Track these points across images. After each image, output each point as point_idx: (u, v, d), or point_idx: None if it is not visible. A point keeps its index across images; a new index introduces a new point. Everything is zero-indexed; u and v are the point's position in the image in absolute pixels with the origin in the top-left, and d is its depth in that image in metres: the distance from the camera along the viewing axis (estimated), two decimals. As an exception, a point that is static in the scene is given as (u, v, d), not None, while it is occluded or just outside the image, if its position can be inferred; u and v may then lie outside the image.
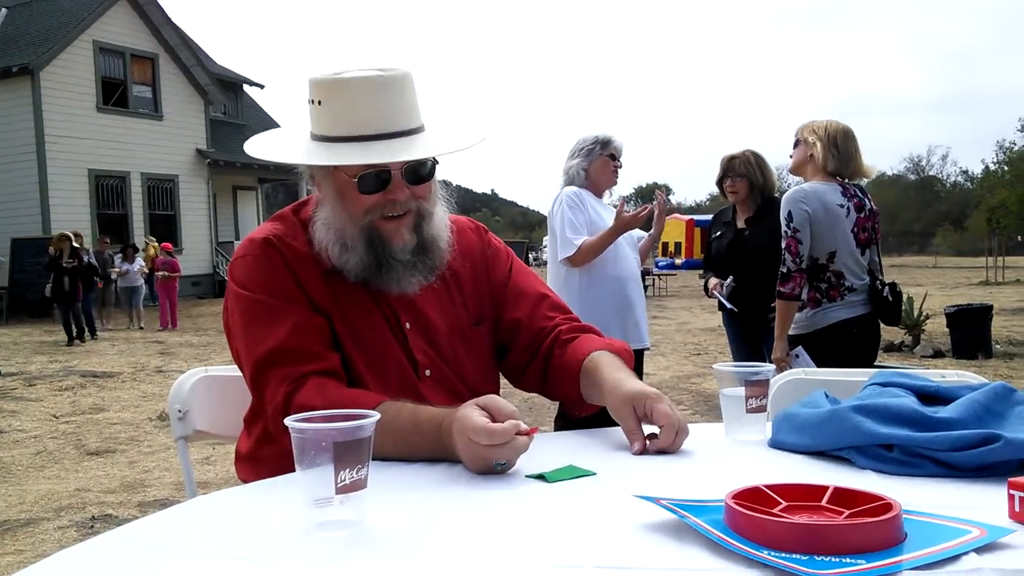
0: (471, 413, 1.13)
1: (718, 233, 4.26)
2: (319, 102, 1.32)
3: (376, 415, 0.95)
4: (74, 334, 11.93)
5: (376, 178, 1.32)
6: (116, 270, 14.93)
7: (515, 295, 1.54)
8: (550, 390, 1.53)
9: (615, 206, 3.61)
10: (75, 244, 12.41)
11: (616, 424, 1.32)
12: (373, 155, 1.29)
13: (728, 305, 4.08)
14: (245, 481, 1.41)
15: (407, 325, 1.42)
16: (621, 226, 3.55)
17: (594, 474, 1.13)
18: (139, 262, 15.13)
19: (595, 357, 1.41)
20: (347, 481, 0.90)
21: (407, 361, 1.40)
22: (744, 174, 4.02)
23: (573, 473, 1.13)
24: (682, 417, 1.26)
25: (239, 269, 1.38)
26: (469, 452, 1.12)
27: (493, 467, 1.12)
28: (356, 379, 1.36)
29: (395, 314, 1.41)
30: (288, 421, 0.93)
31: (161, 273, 14.56)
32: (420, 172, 1.35)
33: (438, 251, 1.41)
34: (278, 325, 1.31)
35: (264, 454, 1.41)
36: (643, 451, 1.23)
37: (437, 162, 1.38)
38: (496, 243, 1.60)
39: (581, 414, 1.48)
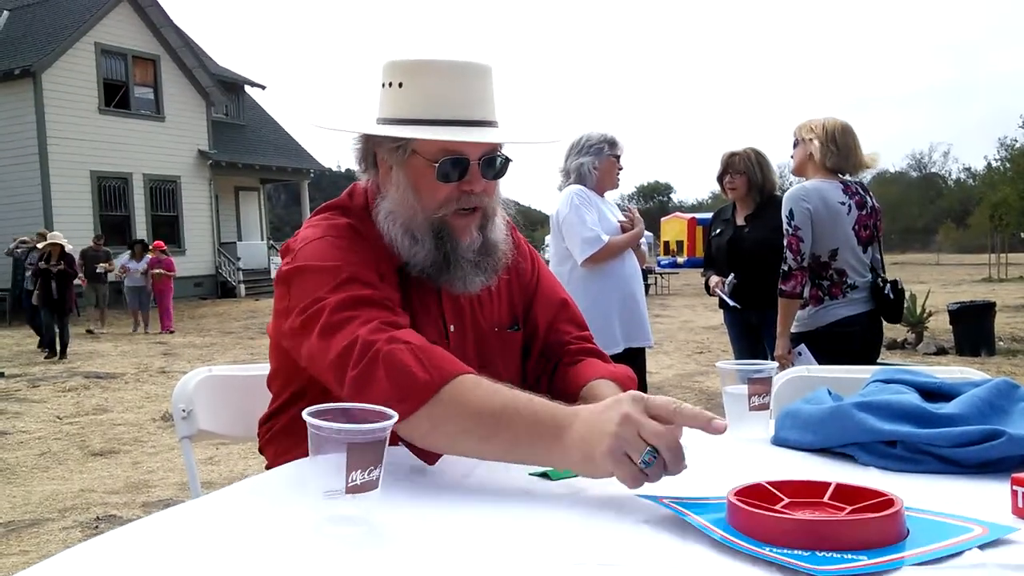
0: (650, 396, 1.02)
1: (718, 231, 4.27)
2: (400, 84, 1.28)
3: (393, 417, 0.89)
4: (56, 347, 10.66)
5: (455, 165, 1.27)
6: (105, 266, 14.14)
7: (541, 299, 1.50)
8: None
9: (624, 209, 3.73)
10: (67, 249, 11.25)
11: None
12: (462, 135, 1.25)
13: (731, 302, 4.08)
14: (271, 463, 1.40)
15: (451, 328, 1.38)
16: (642, 231, 3.72)
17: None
18: (147, 260, 14.36)
19: (594, 385, 1.33)
20: (358, 482, 0.87)
21: None
22: (743, 171, 4.02)
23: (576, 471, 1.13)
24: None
25: (314, 249, 1.27)
26: (627, 428, 0.96)
27: (638, 459, 0.96)
28: None
29: (443, 315, 1.38)
30: (305, 415, 0.88)
31: (156, 271, 14.02)
32: (496, 166, 1.32)
33: (499, 253, 1.37)
34: (365, 287, 1.21)
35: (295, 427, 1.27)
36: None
37: (511, 160, 1.35)
38: (520, 240, 1.55)
39: None
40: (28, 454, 5.40)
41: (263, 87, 26.13)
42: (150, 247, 14.94)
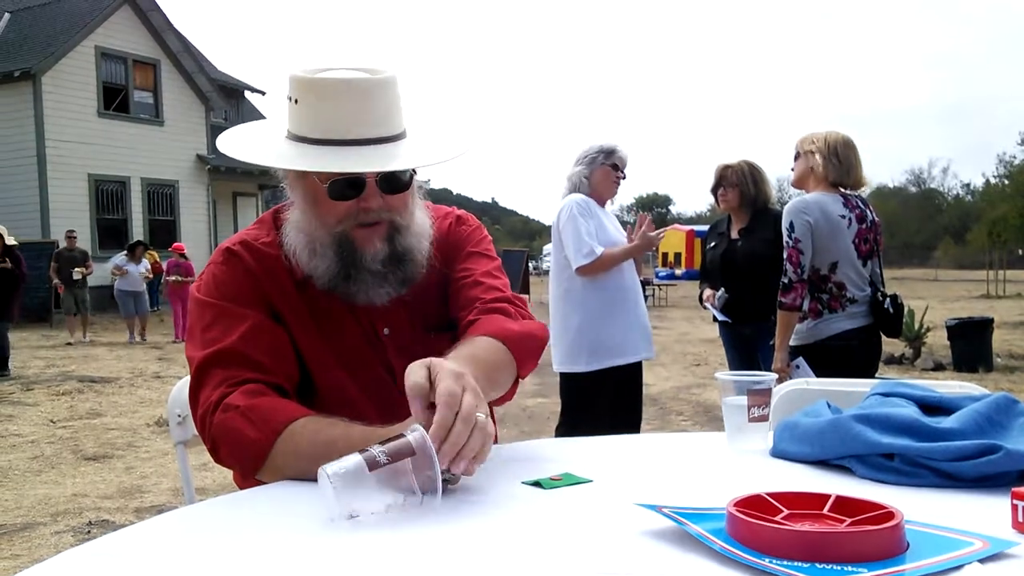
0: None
1: (713, 243, 4.27)
2: (296, 100, 1.27)
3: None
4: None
5: (348, 185, 1.26)
6: (82, 270, 12.87)
7: (464, 266, 1.45)
8: None
9: (629, 220, 3.69)
10: (8, 242, 9.67)
11: (616, 432, 1.31)
12: (345, 162, 1.23)
13: (721, 317, 4.08)
14: (242, 487, 1.40)
15: (385, 331, 1.38)
16: (645, 244, 3.59)
17: (591, 481, 1.12)
18: (145, 264, 13.65)
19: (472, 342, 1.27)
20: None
21: (384, 369, 1.37)
22: (736, 184, 4.03)
23: (570, 481, 1.12)
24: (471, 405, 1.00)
25: (203, 277, 1.37)
26: None
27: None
28: (335, 388, 1.33)
29: (371, 321, 1.38)
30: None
31: (174, 277, 13.23)
32: (396, 182, 1.29)
33: (412, 263, 1.35)
34: (230, 330, 1.28)
35: None
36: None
37: (415, 172, 1.34)
38: (466, 230, 1.50)
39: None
40: (20, 457, 5.38)
41: (263, 93, 26.22)
42: (150, 248, 14.13)
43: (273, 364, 1.27)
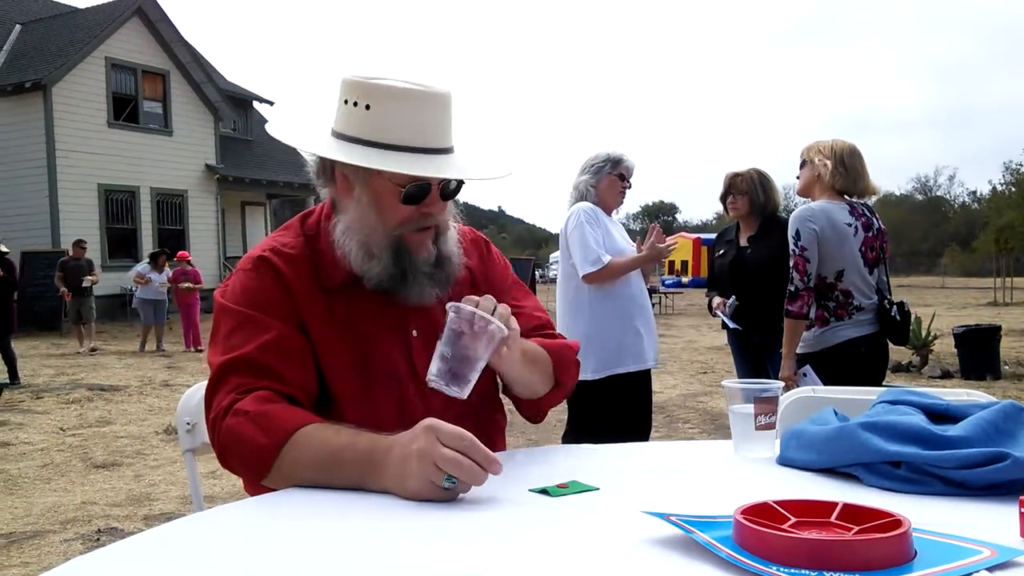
0: (442, 423, 1.10)
1: (721, 251, 4.27)
2: (368, 107, 1.31)
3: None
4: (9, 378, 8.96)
5: (419, 190, 1.33)
6: (91, 278, 12.68)
7: (492, 288, 1.52)
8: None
9: (635, 229, 3.66)
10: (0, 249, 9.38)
11: (625, 440, 1.31)
12: (431, 169, 1.30)
13: (731, 324, 4.08)
14: (251, 495, 1.41)
15: (414, 333, 1.41)
16: (654, 255, 3.58)
17: (597, 489, 1.13)
18: (168, 273, 13.02)
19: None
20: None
21: (408, 370, 1.40)
22: (746, 191, 4.03)
23: (577, 488, 1.13)
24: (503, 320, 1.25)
25: (231, 283, 1.39)
26: (424, 461, 1.06)
27: (442, 485, 1.05)
28: (355, 388, 1.35)
29: (404, 322, 1.41)
30: None
31: (185, 285, 12.86)
32: (451, 190, 1.38)
33: (452, 264, 1.43)
34: (251, 339, 1.30)
35: None
36: None
37: (464, 182, 1.40)
38: (496, 254, 1.62)
39: (530, 416, 1.54)
40: (30, 465, 5.40)
41: (271, 103, 26.29)
42: (174, 258, 13.71)
43: (290, 375, 1.29)
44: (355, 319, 1.38)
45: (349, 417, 1.28)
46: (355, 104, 1.32)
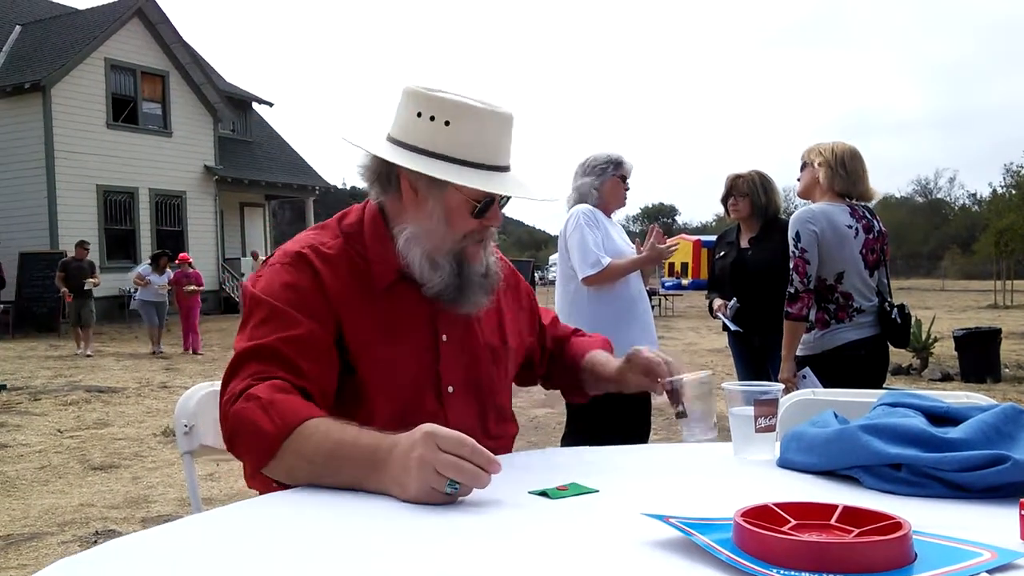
0: (440, 428, 1.10)
1: (721, 253, 4.27)
2: (447, 122, 1.35)
3: None
4: None
5: (488, 205, 1.39)
6: (93, 281, 12.50)
7: (540, 319, 1.73)
8: (553, 383, 1.76)
9: (634, 231, 3.65)
10: None
11: (623, 442, 1.32)
12: (504, 187, 1.37)
13: (732, 326, 4.07)
14: (257, 490, 1.42)
15: (444, 338, 1.43)
16: (654, 256, 3.56)
17: (597, 491, 1.12)
18: (169, 275, 12.87)
19: (592, 356, 1.66)
20: None
21: (431, 378, 1.42)
22: (747, 193, 4.03)
23: (576, 490, 1.12)
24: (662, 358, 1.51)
25: (266, 275, 1.40)
26: (426, 468, 1.05)
27: (443, 490, 1.05)
28: (378, 388, 1.37)
29: (435, 327, 1.43)
30: None
31: (189, 288, 12.67)
32: (505, 203, 1.45)
33: (495, 274, 1.48)
34: (278, 330, 1.31)
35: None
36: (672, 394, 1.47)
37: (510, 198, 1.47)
38: (506, 261, 1.65)
39: (579, 400, 1.73)
40: (28, 467, 5.39)
41: (271, 104, 26.30)
42: (175, 260, 13.45)
43: (309, 369, 1.30)
44: (390, 321, 1.40)
45: (378, 416, 1.31)
46: (431, 118, 1.35)
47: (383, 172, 1.41)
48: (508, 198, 1.41)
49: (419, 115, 1.36)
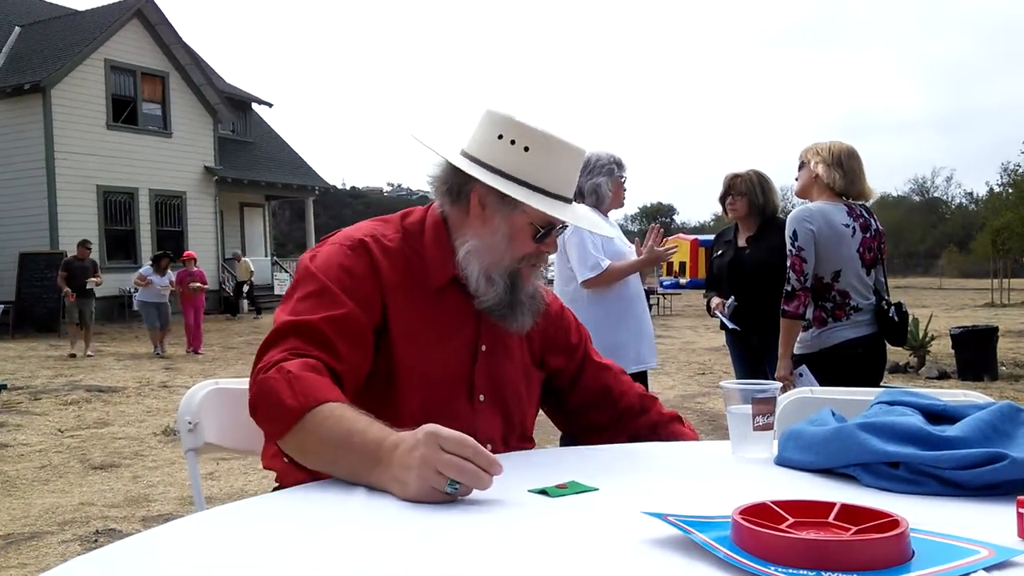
0: (443, 428, 1.10)
1: (720, 252, 4.28)
2: (527, 148, 1.41)
3: None
4: None
5: (549, 231, 1.45)
6: (96, 280, 12.45)
7: (597, 363, 1.70)
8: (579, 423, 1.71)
9: (633, 230, 3.65)
10: None
11: (619, 441, 1.40)
12: (571, 216, 1.44)
13: (730, 325, 4.08)
14: (275, 469, 1.44)
15: (483, 347, 1.48)
16: (653, 258, 3.57)
17: (596, 490, 1.13)
18: (170, 275, 12.78)
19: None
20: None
21: (465, 382, 1.45)
22: (745, 192, 4.04)
23: (576, 489, 1.13)
24: None
25: (324, 253, 1.43)
26: (427, 468, 1.06)
27: (444, 490, 1.05)
28: (412, 384, 1.39)
29: (477, 335, 1.47)
30: None
31: (195, 285, 12.61)
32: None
33: (541, 297, 1.54)
34: (323, 309, 1.34)
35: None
36: None
37: None
38: (559, 301, 1.72)
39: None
40: (28, 467, 5.39)
41: (270, 105, 26.29)
42: (179, 259, 13.21)
43: (345, 352, 1.32)
44: (435, 320, 1.44)
45: (405, 410, 1.34)
46: (512, 142, 1.41)
47: (455, 184, 1.45)
48: (565, 227, 1.47)
49: (500, 137, 1.41)
